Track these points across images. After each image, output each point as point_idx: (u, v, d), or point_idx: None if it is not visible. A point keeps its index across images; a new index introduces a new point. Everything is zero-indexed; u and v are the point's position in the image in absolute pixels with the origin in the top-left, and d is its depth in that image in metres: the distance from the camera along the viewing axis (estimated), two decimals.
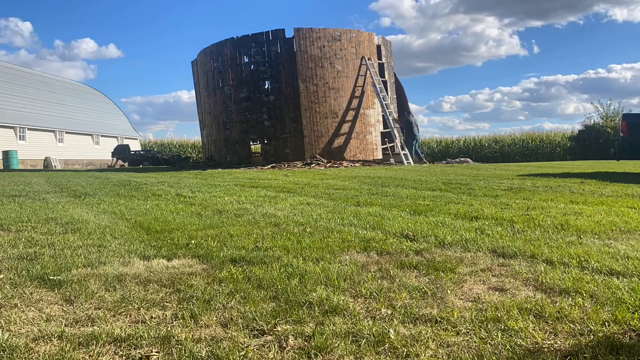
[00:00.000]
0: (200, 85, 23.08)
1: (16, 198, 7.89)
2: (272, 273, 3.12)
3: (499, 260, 3.43)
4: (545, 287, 2.81)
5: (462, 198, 7.01)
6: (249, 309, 2.50)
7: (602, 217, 5.10)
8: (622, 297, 2.56)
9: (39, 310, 2.56)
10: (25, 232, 4.69)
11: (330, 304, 2.55)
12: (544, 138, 38.63)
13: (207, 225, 5.00)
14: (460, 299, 2.66)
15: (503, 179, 10.18)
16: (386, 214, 5.52)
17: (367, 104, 20.23)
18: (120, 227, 4.95)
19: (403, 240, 4.09)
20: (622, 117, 13.07)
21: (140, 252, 3.82)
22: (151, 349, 2.09)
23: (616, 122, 32.17)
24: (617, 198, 6.74)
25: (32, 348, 2.10)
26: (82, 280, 3.02)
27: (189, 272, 3.20)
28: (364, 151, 20.12)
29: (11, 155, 28.12)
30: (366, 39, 20.48)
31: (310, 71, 19.33)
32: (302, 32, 19.39)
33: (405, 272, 3.17)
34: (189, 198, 7.62)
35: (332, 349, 2.06)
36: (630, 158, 12.92)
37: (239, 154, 20.48)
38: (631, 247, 3.70)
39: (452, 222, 4.90)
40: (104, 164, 34.98)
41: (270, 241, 4.12)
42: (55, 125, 35.05)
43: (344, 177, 12.02)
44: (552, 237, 4.09)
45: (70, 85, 43.28)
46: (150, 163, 30.12)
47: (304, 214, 5.65)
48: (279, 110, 19.54)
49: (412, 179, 10.49)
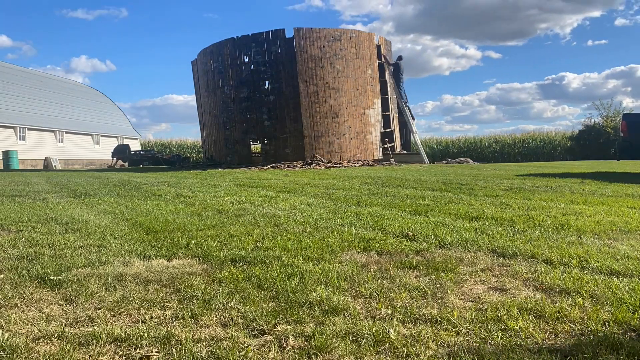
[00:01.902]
0: (200, 85, 23.07)
1: (16, 198, 7.89)
2: (272, 273, 3.12)
3: (499, 260, 3.43)
4: (545, 287, 2.81)
5: (462, 198, 7.01)
6: (249, 309, 2.50)
7: (603, 217, 5.10)
8: (622, 297, 2.56)
9: (39, 310, 2.56)
10: (25, 232, 4.70)
11: (330, 304, 2.55)
12: (544, 138, 38.64)
13: (207, 225, 5.00)
14: (460, 299, 2.66)
15: (503, 179, 10.18)
16: (386, 214, 5.52)
17: (367, 104, 20.23)
18: (120, 227, 4.95)
19: (403, 240, 4.09)
20: (622, 117, 13.07)
21: (140, 252, 3.82)
22: (151, 349, 2.09)
23: (616, 122, 32.18)
24: (617, 198, 6.74)
25: (32, 348, 2.10)
26: (82, 280, 3.02)
27: (189, 272, 3.21)
28: (364, 151, 20.12)
29: (11, 155, 28.11)
30: (366, 39, 20.48)
31: (310, 71, 19.32)
32: (302, 32, 19.39)
33: (406, 272, 3.17)
34: (189, 198, 7.62)
35: (332, 349, 2.06)
36: (630, 158, 12.93)
37: (239, 154, 20.48)
38: (631, 247, 3.70)
39: (452, 222, 4.90)
40: (104, 164, 34.97)
41: (270, 241, 4.12)
42: (56, 125, 35.04)
43: (344, 177, 12.02)
44: (552, 237, 4.09)
45: (71, 85, 43.28)
46: (151, 163, 30.12)
47: (304, 214, 5.65)
48: (279, 110, 19.54)
49: (412, 179, 10.49)
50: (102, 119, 41.36)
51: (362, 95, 20.11)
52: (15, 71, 36.75)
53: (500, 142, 38.97)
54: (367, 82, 20.27)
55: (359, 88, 20.00)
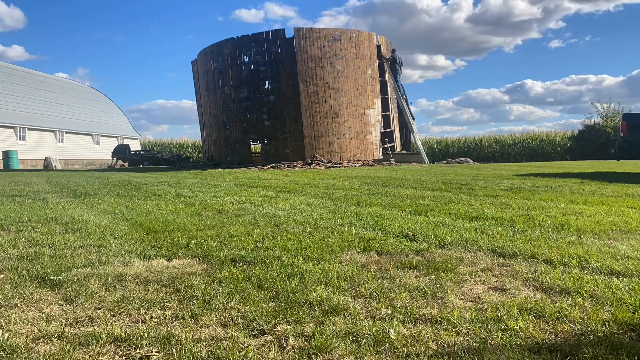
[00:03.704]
0: (200, 85, 23.07)
1: (16, 198, 7.89)
2: (272, 273, 3.12)
3: (499, 260, 3.43)
4: (545, 287, 2.81)
5: (462, 198, 7.01)
6: (249, 309, 2.50)
7: (603, 217, 5.10)
8: (622, 297, 2.56)
9: (39, 310, 2.56)
10: (25, 232, 4.69)
11: (330, 304, 2.55)
12: (544, 138, 38.66)
13: (207, 225, 5.00)
14: (460, 299, 2.66)
15: (503, 179, 10.18)
16: (386, 214, 5.52)
17: (367, 104, 20.23)
18: (120, 227, 4.95)
19: (403, 240, 4.09)
20: (622, 117, 13.07)
21: (140, 252, 3.82)
22: (151, 349, 2.09)
23: (616, 122, 32.18)
24: (617, 198, 6.74)
25: (32, 348, 2.10)
26: (82, 280, 3.02)
27: (189, 272, 3.21)
28: (364, 151, 20.12)
29: (11, 155, 28.12)
30: (366, 39, 20.47)
31: (310, 71, 19.32)
32: (302, 32, 19.39)
33: (406, 272, 3.17)
34: (189, 198, 7.62)
35: (332, 349, 2.06)
36: (630, 158, 12.92)
37: (239, 154, 20.47)
38: (631, 247, 3.70)
39: (452, 222, 4.90)
40: (104, 164, 34.97)
41: (270, 241, 4.12)
42: (55, 125, 35.05)
43: (344, 177, 12.02)
44: (552, 237, 4.09)
45: (71, 85, 43.27)
46: (151, 163, 30.12)
47: (304, 214, 5.65)
48: (279, 110, 19.54)
49: (412, 179, 10.49)
50: (102, 119, 41.36)
51: (362, 95, 20.10)
52: (15, 71, 36.76)
53: (500, 142, 38.99)
54: (367, 82, 20.27)
55: (359, 88, 20.00)
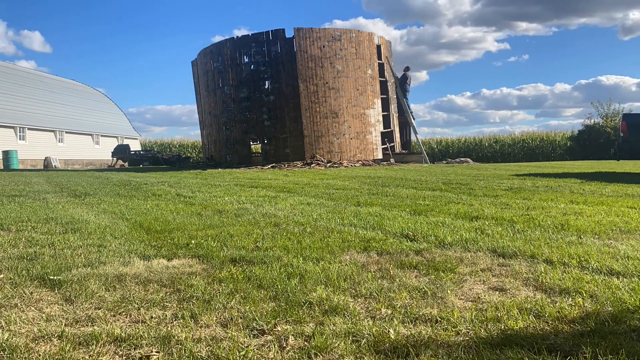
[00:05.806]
0: (200, 85, 23.06)
1: (16, 198, 7.89)
2: (272, 273, 3.12)
3: (499, 260, 3.43)
4: (545, 287, 2.81)
5: (462, 198, 7.01)
6: (249, 309, 2.50)
7: (602, 217, 5.10)
8: (622, 297, 2.56)
9: (39, 310, 2.56)
10: (25, 232, 4.69)
11: (330, 303, 2.55)
12: (544, 138, 38.65)
13: (207, 225, 5.00)
14: (460, 299, 2.66)
15: (503, 179, 10.17)
16: (386, 214, 5.52)
17: (367, 104, 20.23)
18: (120, 227, 4.95)
19: (403, 240, 4.09)
20: (622, 117, 13.07)
21: (140, 252, 3.82)
22: (151, 349, 2.09)
23: (616, 122, 32.17)
24: (617, 198, 6.74)
25: (32, 348, 2.10)
26: (82, 280, 3.02)
27: (189, 272, 3.20)
28: (364, 151, 20.11)
29: (11, 155, 28.11)
30: (366, 39, 20.47)
31: (310, 71, 19.32)
32: (302, 32, 19.39)
33: (405, 272, 3.17)
34: (189, 198, 7.62)
35: (332, 349, 2.06)
36: (630, 158, 12.92)
37: (239, 154, 20.47)
38: (631, 247, 3.70)
39: (452, 222, 4.90)
40: (104, 164, 34.96)
41: (270, 241, 4.12)
42: (55, 125, 35.04)
43: (344, 177, 12.02)
44: (552, 237, 4.09)
45: (71, 85, 43.25)
46: (151, 163, 30.10)
47: (304, 214, 5.65)
48: (279, 110, 19.54)
49: (412, 179, 10.49)
50: (102, 119, 41.34)
51: (362, 95, 20.10)
52: (15, 71, 36.76)
53: (500, 142, 38.98)
54: (367, 82, 20.26)
55: (359, 88, 20.00)
